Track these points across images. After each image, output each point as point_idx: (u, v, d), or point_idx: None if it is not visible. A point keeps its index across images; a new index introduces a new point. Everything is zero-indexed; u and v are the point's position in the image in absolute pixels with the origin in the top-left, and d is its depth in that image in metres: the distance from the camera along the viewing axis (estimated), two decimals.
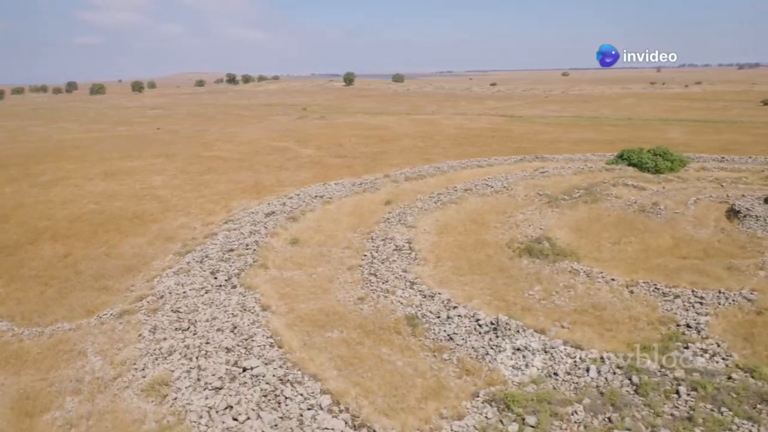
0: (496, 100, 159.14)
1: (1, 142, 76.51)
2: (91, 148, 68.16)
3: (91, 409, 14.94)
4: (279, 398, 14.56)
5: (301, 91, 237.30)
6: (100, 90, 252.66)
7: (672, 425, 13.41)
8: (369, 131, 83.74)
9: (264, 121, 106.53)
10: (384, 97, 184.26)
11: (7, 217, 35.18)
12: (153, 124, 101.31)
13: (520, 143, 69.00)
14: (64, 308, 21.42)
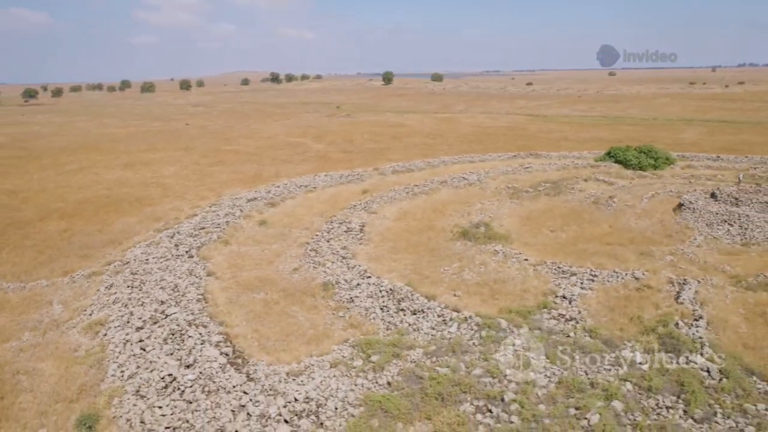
0: (528, 99, 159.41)
1: (47, 135, 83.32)
2: (122, 141, 73.90)
3: (41, 340, 18.79)
4: (183, 335, 18.02)
5: (339, 90, 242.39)
6: (150, 88, 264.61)
7: (491, 363, 16.14)
8: (385, 129, 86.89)
9: (291, 118, 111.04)
10: (419, 96, 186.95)
11: (27, 199, 40.13)
12: (188, 120, 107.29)
13: (527, 141, 70.79)
14: (48, 270, 25.59)
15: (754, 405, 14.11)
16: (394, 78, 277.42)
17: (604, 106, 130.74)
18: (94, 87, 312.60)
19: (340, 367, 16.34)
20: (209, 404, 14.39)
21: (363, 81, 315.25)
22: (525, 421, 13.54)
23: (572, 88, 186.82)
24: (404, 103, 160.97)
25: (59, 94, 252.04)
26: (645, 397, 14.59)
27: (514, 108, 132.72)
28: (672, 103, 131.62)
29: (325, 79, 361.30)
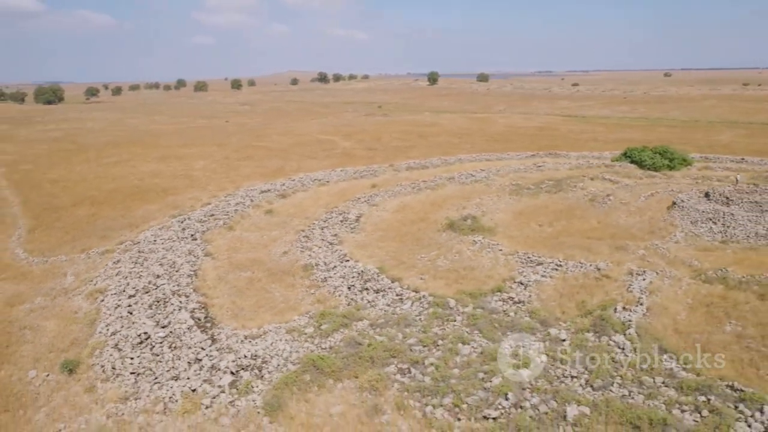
0: (571, 100, 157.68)
1: (98, 130, 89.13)
2: (165, 137, 78.46)
3: (50, 304, 21.73)
4: (166, 303, 20.58)
5: (384, 90, 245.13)
6: (203, 87, 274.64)
7: (428, 335, 17.93)
8: (416, 128, 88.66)
9: (329, 117, 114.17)
10: (462, 96, 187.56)
11: (67, 187, 44.11)
12: (231, 118, 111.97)
13: (553, 141, 71.23)
14: (69, 247, 28.83)
15: (652, 378, 15.39)
16: (439, 78, 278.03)
17: (648, 107, 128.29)
18: (152, 86, 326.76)
19: (293, 333, 18.48)
20: (171, 357, 16.78)
21: (409, 81, 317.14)
22: (434, 380, 15.32)
23: (618, 89, 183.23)
24: (445, 103, 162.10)
25: (119, 93, 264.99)
26: (554, 367, 16.07)
27: (554, 108, 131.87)
28: (719, 104, 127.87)
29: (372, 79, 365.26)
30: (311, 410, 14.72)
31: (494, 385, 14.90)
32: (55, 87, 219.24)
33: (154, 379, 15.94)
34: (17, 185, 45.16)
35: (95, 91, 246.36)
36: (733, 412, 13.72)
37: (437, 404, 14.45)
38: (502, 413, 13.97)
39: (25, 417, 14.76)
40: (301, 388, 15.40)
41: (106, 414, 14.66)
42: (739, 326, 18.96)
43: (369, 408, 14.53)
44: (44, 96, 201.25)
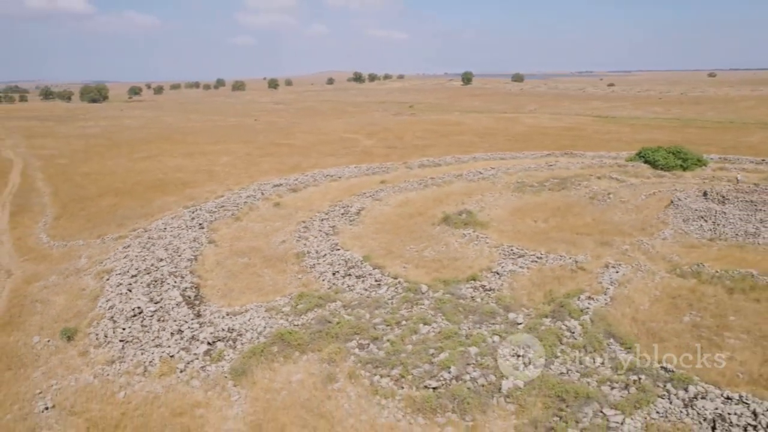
0: (604, 100, 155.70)
1: (134, 127, 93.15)
2: (194, 134, 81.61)
3: (62, 282, 23.95)
4: (162, 282, 22.50)
5: (418, 90, 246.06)
6: (241, 87, 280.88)
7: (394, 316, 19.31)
8: (440, 127, 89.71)
9: (357, 116, 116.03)
10: (494, 96, 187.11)
11: (96, 180, 47.01)
12: (261, 117, 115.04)
13: (575, 141, 71.31)
14: (87, 233, 31.23)
15: (592, 358, 16.42)
16: (474, 78, 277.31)
17: (682, 108, 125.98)
18: (192, 85, 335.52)
19: (271, 312, 20.11)
20: (157, 328, 18.62)
21: (443, 81, 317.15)
22: (388, 354, 16.70)
23: (654, 90, 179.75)
24: (476, 103, 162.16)
25: (160, 92, 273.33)
26: (503, 346, 17.22)
27: (585, 109, 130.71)
28: (757, 105, 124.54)
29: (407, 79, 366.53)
30: (274, 377, 16.29)
31: (440, 360, 16.17)
32: (100, 86, 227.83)
33: (139, 346, 17.79)
34: (51, 178, 48.30)
35: (138, 90, 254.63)
36: (659, 390, 14.66)
37: (385, 374, 15.83)
38: (443, 384, 15.25)
39: (24, 375, 16.76)
40: (268, 358, 16.98)
41: (93, 374, 16.54)
42: (697, 317, 19.71)
43: (324, 377, 16.00)
44: (89, 94, 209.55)
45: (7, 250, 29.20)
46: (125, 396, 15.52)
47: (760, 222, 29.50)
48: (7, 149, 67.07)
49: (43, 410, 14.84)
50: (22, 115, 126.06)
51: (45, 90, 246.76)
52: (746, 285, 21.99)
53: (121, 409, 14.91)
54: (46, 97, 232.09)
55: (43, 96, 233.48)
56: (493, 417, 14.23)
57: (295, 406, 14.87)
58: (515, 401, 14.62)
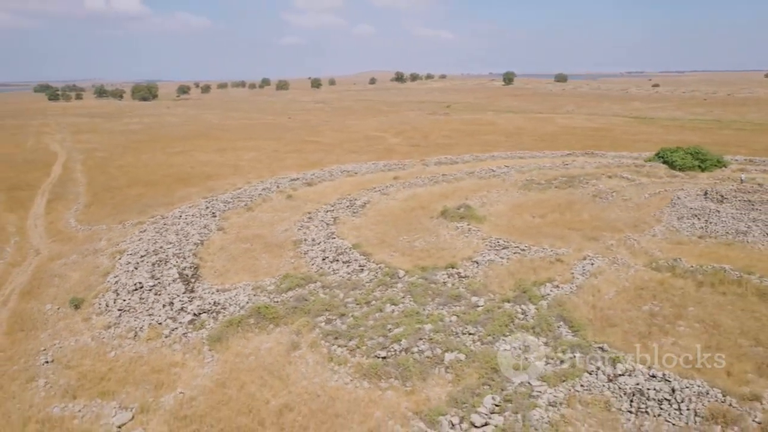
0: (645, 101, 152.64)
1: (175, 124, 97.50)
2: (230, 131, 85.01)
3: (80, 260, 26.57)
4: (166, 262, 24.78)
5: (458, 90, 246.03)
6: (284, 86, 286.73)
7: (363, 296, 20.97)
8: (469, 126, 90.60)
9: (391, 115, 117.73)
10: (534, 96, 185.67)
11: (128, 172, 50.30)
12: (301, 115, 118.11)
13: (600, 141, 71.22)
14: (111, 219, 34.03)
15: (536, 337, 17.68)
16: (516, 78, 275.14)
17: (726, 109, 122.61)
18: (238, 84, 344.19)
19: (257, 290, 22.06)
20: (152, 300, 20.82)
21: (485, 81, 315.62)
22: (349, 327, 18.38)
23: (700, 91, 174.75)
24: (514, 103, 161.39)
25: (207, 91, 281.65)
26: (458, 324, 18.66)
27: (624, 110, 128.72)
28: None
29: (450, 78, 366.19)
30: (246, 345, 18.20)
31: (393, 334, 17.74)
32: (151, 85, 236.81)
33: (134, 315, 20.02)
34: (89, 169, 51.88)
35: (186, 89, 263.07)
36: (590, 367, 15.84)
37: (342, 345, 17.52)
38: (391, 354, 16.82)
39: (34, 335, 19.19)
40: (244, 329, 18.92)
41: (91, 337, 18.82)
42: (657, 306, 20.64)
43: (289, 345, 17.80)
44: (140, 93, 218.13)
45: (40, 232, 32.17)
46: (115, 355, 17.70)
47: (753, 221, 29.78)
48: (55, 143, 71.75)
49: (44, 363, 17.15)
50: (74, 112, 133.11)
51: (99, 89, 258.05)
52: (716, 279, 22.66)
53: (109, 365, 17.08)
54: (100, 95, 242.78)
55: (98, 94, 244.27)
56: (432, 384, 15.70)
57: (259, 369, 16.71)
58: (454, 372, 16.05)
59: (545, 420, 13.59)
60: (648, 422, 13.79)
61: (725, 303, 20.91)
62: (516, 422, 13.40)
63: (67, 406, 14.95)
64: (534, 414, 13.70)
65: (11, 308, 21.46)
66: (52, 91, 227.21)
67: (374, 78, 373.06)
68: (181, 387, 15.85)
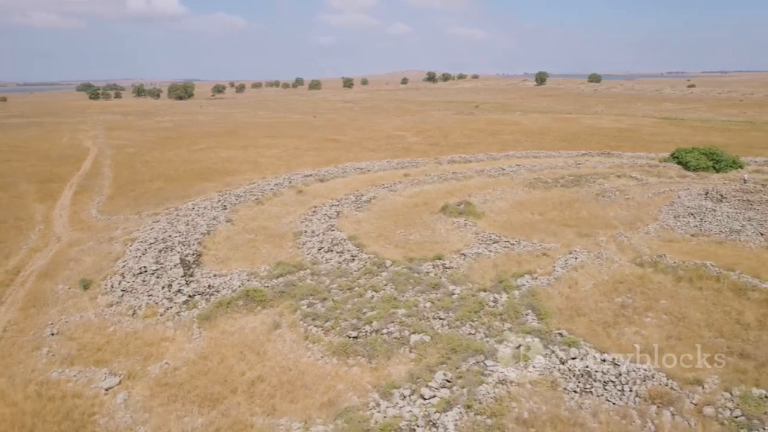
0: (678, 102, 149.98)
1: (204, 122, 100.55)
2: (255, 129, 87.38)
3: (96, 246, 28.58)
4: (172, 249, 26.54)
5: (490, 90, 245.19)
6: (317, 86, 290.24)
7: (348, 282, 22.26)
8: (493, 126, 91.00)
9: (417, 115, 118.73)
10: (565, 96, 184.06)
11: (153, 167, 52.71)
12: (329, 114, 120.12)
13: (621, 142, 71.03)
14: (129, 210, 36.15)
15: (502, 323, 18.69)
16: (549, 78, 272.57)
17: (760, 110, 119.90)
18: (272, 84, 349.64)
19: (251, 275, 23.57)
20: (153, 282, 22.53)
21: (516, 81, 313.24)
22: (328, 310, 19.71)
23: (737, 92, 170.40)
24: (544, 103, 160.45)
25: (242, 90, 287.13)
26: (430, 310, 19.79)
27: (655, 110, 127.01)
28: None
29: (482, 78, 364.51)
30: (233, 323, 19.71)
31: (366, 317, 18.98)
32: (187, 84, 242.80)
33: (135, 295, 21.74)
34: (116, 164, 54.53)
35: (221, 88, 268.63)
36: (542, 349, 16.80)
37: (319, 326, 18.86)
38: (362, 335, 18.07)
39: (45, 311, 21.08)
40: (232, 309, 20.44)
41: (95, 314, 20.61)
42: (629, 299, 21.40)
43: (271, 325, 19.22)
44: (176, 92, 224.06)
45: (63, 221, 34.45)
46: (113, 330, 19.42)
47: (748, 220, 30.01)
48: (89, 140, 75.16)
49: (49, 335, 18.97)
50: (112, 111, 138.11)
51: (138, 88, 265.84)
52: (695, 275, 23.22)
53: (107, 338, 18.79)
54: (138, 94, 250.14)
55: (136, 93, 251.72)
56: (395, 362, 16.90)
57: (240, 345, 18.18)
58: (417, 352, 17.21)
59: (491, 395, 14.61)
60: (589, 401, 14.69)
61: (699, 297, 21.48)
62: (461, 396, 14.47)
63: (64, 372, 16.65)
64: (481, 389, 14.74)
65: (28, 288, 23.46)
66: (93, 90, 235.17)
67: (406, 78, 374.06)
68: (168, 358, 17.41)
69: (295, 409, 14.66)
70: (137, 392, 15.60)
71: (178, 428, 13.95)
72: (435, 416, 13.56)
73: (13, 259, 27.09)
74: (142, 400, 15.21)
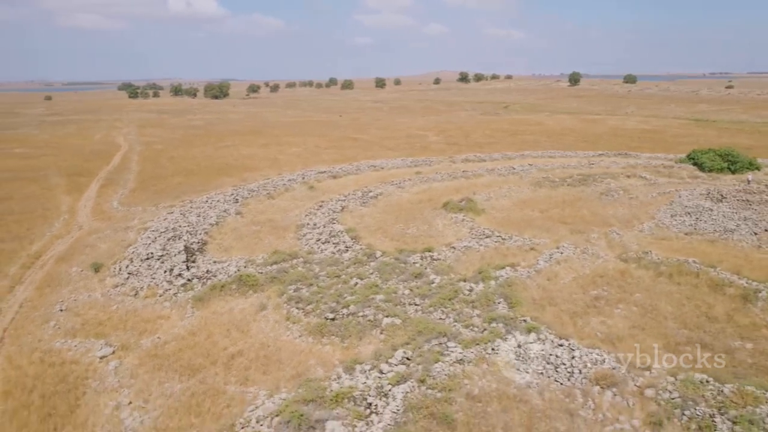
0: (713, 104, 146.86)
1: (233, 121, 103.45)
2: (281, 128, 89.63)
3: (112, 234, 30.64)
4: (180, 237, 28.35)
5: (521, 90, 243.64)
6: (349, 86, 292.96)
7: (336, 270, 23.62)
8: (516, 126, 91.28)
9: (443, 114, 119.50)
10: (597, 97, 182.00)
11: (176, 163, 55.10)
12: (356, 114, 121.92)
13: (642, 142, 70.87)
14: (148, 202, 38.27)
15: (472, 310, 19.76)
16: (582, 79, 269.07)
17: None
18: (306, 84, 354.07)
19: (248, 263, 25.14)
20: (157, 266, 24.31)
21: (550, 82, 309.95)
22: (311, 294, 21.10)
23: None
24: (574, 104, 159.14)
25: (276, 90, 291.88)
26: (408, 297, 20.98)
27: (687, 112, 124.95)
28: None
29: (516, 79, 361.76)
30: (224, 305, 21.28)
31: (345, 300, 20.30)
32: (223, 84, 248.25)
33: (139, 278, 23.53)
34: (143, 160, 57.16)
35: (256, 87, 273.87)
36: (507, 336, 17.82)
37: (300, 308, 20.25)
38: (338, 317, 19.39)
39: (57, 290, 23.05)
40: (225, 292, 22.02)
41: (101, 293, 22.47)
42: (604, 291, 22.17)
43: (258, 306, 20.72)
44: (212, 92, 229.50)
45: (86, 212, 36.75)
46: (116, 308, 21.22)
47: (743, 220, 30.23)
48: (121, 136, 78.51)
49: (58, 311, 20.86)
50: (147, 109, 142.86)
51: (176, 87, 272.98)
52: (676, 270, 23.84)
53: (109, 315, 20.58)
54: (175, 93, 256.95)
55: (173, 93, 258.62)
56: (366, 343, 18.17)
57: (227, 324, 19.71)
58: (387, 333, 18.44)
59: (445, 372, 15.73)
60: (538, 381, 15.68)
61: (675, 292, 22.12)
62: (416, 371, 15.64)
63: (66, 342, 18.46)
64: (436, 367, 15.87)
65: (46, 270, 25.54)
66: (133, 90, 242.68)
67: (439, 78, 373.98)
68: (160, 333, 19.06)
69: (265, 380, 16.06)
70: (128, 361, 17.25)
71: (159, 392, 15.50)
72: (387, 388, 14.74)
73: (37, 245, 29.30)
74: (131, 368, 16.85)
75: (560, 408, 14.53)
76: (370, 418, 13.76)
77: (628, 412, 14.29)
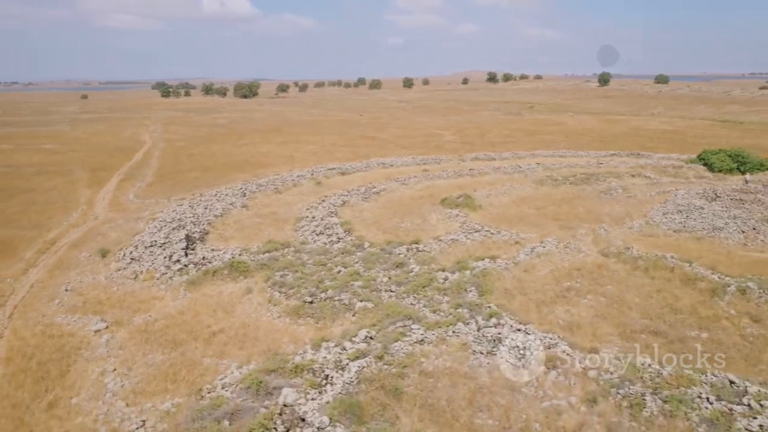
0: (744, 104, 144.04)
1: (256, 119, 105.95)
2: (301, 126, 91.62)
3: (124, 224, 32.63)
4: (183, 227, 30.13)
5: (550, 90, 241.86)
6: (377, 85, 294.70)
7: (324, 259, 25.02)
8: (535, 126, 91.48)
9: (464, 114, 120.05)
10: (625, 98, 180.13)
11: (194, 159, 57.31)
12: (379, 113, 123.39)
13: (658, 143, 70.64)
14: (161, 196, 40.32)
15: (442, 296, 20.91)
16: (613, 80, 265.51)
17: None
18: (335, 83, 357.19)
19: (243, 251, 26.73)
20: (158, 253, 26.07)
21: (579, 82, 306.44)
22: (295, 280, 22.53)
23: None
24: (600, 105, 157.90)
25: (304, 89, 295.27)
26: (386, 285, 22.24)
27: (716, 113, 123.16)
28: None
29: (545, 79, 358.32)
30: (215, 288, 22.87)
31: (324, 285, 21.67)
32: (252, 83, 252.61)
33: (140, 263, 25.31)
34: (164, 156, 59.59)
35: (285, 87, 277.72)
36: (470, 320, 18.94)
37: (283, 291, 21.70)
38: (315, 300, 20.77)
39: (66, 273, 25.00)
40: (218, 277, 23.62)
41: (105, 276, 24.32)
42: (577, 283, 23.05)
43: (245, 290, 22.24)
44: (241, 91, 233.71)
45: (104, 204, 38.97)
46: (116, 289, 23.00)
47: (733, 218, 30.61)
48: (146, 134, 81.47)
49: (64, 290, 22.74)
50: (176, 108, 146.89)
51: (207, 86, 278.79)
52: (652, 265, 24.52)
53: (109, 295, 22.39)
54: (206, 92, 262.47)
55: (205, 92, 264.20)
56: (338, 324, 19.50)
57: (215, 305, 21.28)
58: (358, 316, 19.73)
59: (403, 351, 16.94)
60: (490, 360, 16.77)
61: (647, 285, 22.87)
62: (375, 349, 16.89)
63: (66, 317, 20.27)
64: (395, 345, 17.09)
65: (59, 255, 27.58)
66: (165, 89, 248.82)
67: (467, 78, 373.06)
68: (152, 312, 20.72)
69: (240, 354, 17.53)
70: (119, 335, 18.93)
71: (142, 362, 17.11)
72: (345, 362, 16.03)
73: (53, 232, 31.47)
74: (121, 341, 18.52)
75: (504, 385, 15.60)
76: (324, 387, 15.05)
77: (568, 390, 15.28)
